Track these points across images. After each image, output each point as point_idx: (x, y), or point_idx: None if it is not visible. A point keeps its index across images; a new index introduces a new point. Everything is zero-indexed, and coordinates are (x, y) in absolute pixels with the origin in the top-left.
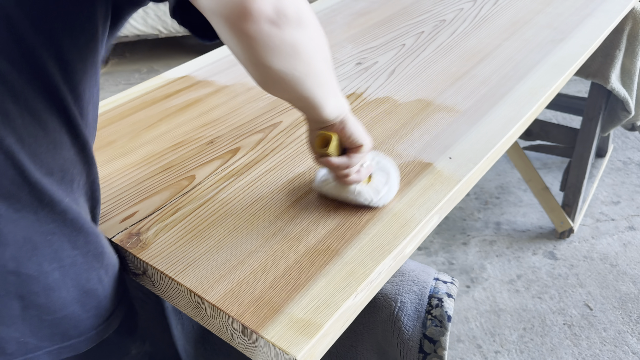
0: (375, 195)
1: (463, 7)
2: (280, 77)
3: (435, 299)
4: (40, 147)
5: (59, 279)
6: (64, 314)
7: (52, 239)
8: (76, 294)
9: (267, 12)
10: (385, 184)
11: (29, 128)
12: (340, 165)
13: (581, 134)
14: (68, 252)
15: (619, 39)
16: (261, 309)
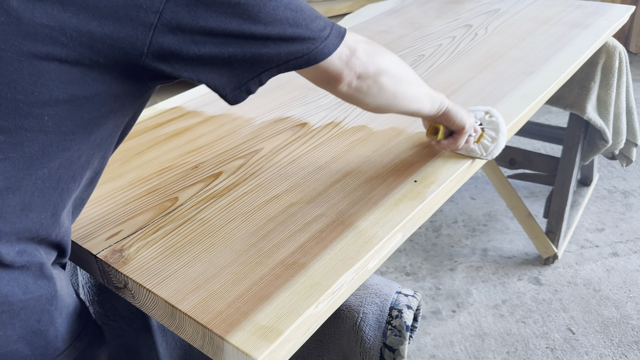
0: (484, 152)
1: (442, 42)
2: (381, 108)
3: (396, 310)
4: (6, 207)
5: (7, 320)
6: (6, 350)
7: (0, 284)
8: (22, 333)
9: (352, 77)
10: (493, 141)
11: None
12: (449, 146)
13: (562, 163)
14: (18, 296)
15: (594, 71)
16: (229, 317)
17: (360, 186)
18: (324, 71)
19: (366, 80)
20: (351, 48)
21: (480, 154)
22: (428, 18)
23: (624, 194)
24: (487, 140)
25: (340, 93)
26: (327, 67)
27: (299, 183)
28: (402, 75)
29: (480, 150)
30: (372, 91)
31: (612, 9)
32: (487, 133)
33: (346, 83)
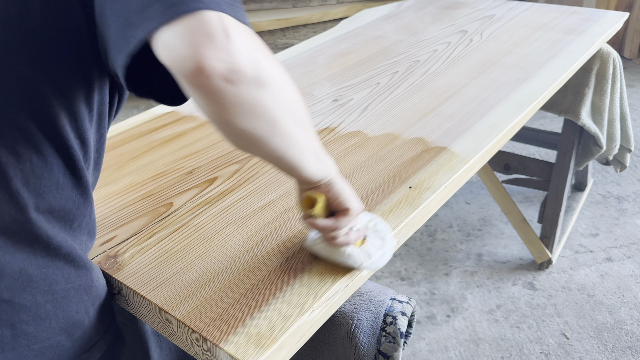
0: (366, 259)
1: (437, 48)
2: (245, 135)
3: (390, 317)
4: (44, 187)
5: (51, 310)
6: (50, 342)
7: (46, 272)
8: (64, 325)
9: (220, 69)
10: (379, 248)
11: (36, 170)
12: (326, 227)
13: (556, 168)
14: (61, 285)
15: (588, 77)
16: (223, 324)
17: (356, 192)
18: (191, 37)
19: (240, 84)
20: (227, 24)
21: (360, 262)
22: (423, 24)
23: (618, 199)
24: (370, 245)
25: (200, 91)
26: (196, 28)
27: (293, 189)
28: (292, 103)
29: (359, 258)
30: (240, 106)
31: (606, 15)
32: (370, 240)
33: (212, 75)
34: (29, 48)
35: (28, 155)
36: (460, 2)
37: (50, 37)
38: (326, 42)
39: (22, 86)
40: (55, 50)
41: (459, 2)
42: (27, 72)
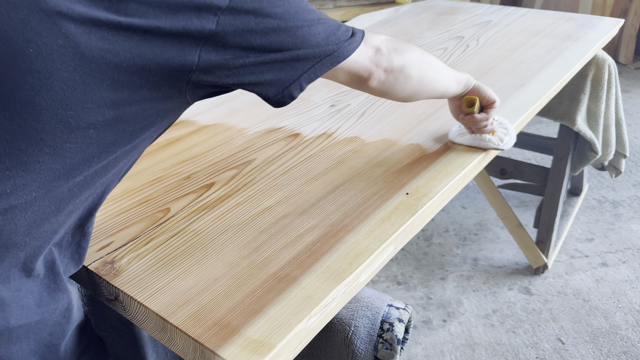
0: (501, 142)
1: (434, 54)
2: (412, 96)
3: (387, 324)
4: (42, 212)
5: (23, 334)
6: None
7: (18, 296)
8: (36, 347)
9: (380, 72)
10: (506, 134)
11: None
12: (482, 119)
13: (552, 173)
14: (34, 309)
15: (584, 83)
16: (220, 331)
17: (353, 198)
18: (354, 70)
19: (392, 73)
20: (374, 47)
21: (497, 144)
22: (420, 29)
23: (613, 204)
24: (501, 133)
25: (371, 89)
26: (355, 66)
27: (291, 194)
28: (425, 63)
29: (496, 141)
30: (399, 82)
31: (602, 22)
32: (499, 130)
33: (375, 79)
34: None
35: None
36: (456, 7)
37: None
38: None
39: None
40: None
41: (455, 8)
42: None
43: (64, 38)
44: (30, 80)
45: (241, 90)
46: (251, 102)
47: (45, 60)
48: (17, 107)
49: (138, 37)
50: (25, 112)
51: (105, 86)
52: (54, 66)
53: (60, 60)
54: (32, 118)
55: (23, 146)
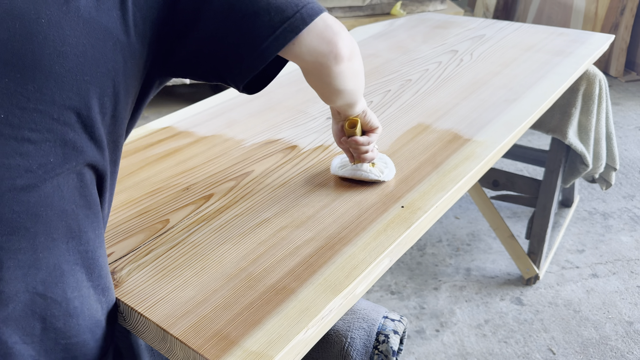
0: (381, 173)
1: (429, 68)
2: (349, 91)
3: (382, 335)
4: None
5: (78, 306)
6: (77, 340)
7: (75, 269)
8: (89, 323)
9: (347, 53)
10: (385, 167)
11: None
12: (363, 142)
13: (544, 185)
14: (85, 283)
15: (575, 98)
16: (220, 342)
17: (349, 210)
18: (322, 37)
19: (353, 62)
20: (337, 22)
21: (377, 176)
22: (415, 42)
23: (603, 215)
24: (382, 165)
25: (335, 74)
26: (323, 31)
27: (289, 206)
28: (360, 63)
29: (377, 172)
30: (352, 75)
31: (593, 37)
32: (378, 163)
33: (345, 57)
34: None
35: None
36: (450, 21)
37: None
38: None
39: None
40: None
41: (449, 22)
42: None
43: (66, 4)
44: (47, 50)
45: (239, 102)
46: (249, 114)
47: (56, 29)
48: (42, 78)
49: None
50: (49, 82)
51: (110, 47)
52: (65, 33)
53: (69, 26)
54: (56, 87)
55: (56, 115)
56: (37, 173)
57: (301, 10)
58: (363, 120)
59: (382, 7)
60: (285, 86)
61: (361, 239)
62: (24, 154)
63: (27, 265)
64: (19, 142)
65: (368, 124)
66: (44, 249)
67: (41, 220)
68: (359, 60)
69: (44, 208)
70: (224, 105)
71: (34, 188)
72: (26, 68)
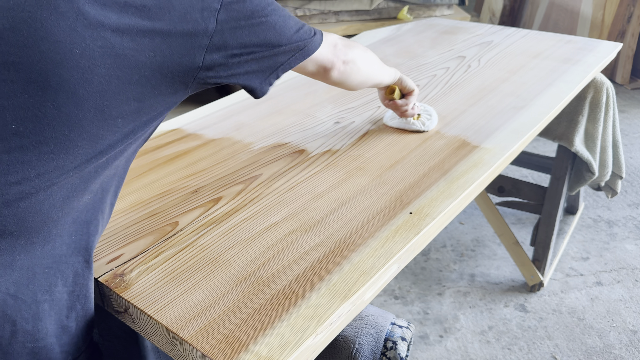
0: (423, 125)
1: (436, 73)
2: (359, 85)
3: (390, 342)
4: (74, 189)
5: (47, 310)
6: (43, 344)
7: (48, 272)
8: (55, 328)
9: (340, 64)
10: (428, 119)
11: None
12: (402, 104)
13: (549, 192)
14: (59, 287)
15: (582, 105)
16: (229, 346)
17: (357, 216)
18: (320, 62)
19: (348, 65)
20: (333, 43)
21: (419, 127)
22: (422, 48)
23: (608, 223)
24: (425, 118)
25: (332, 79)
26: (321, 57)
27: (297, 211)
28: (368, 57)
29: (419, 124)
30: (353, 72)
31: (601, 45)
32: (423, 115)
33: (336, 69)
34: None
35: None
36: (458, 27)
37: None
38: None
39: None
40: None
41: (457, 27)
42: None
43: (102, 40)
44: (75, 76)
45: (247, 105)
46: (257, 117)
47: (88, 59)
48: (63, 98)
49: (159, 38)
50: (70, 102)
51: (134, 81)
52: (95, 63)
53: (100, 58)
54: (75, 107)
55: (67, 132)
56: (34, 181)
57: (308, 46)
58: (400, 85)
59: (388, 12)
60: (294, 90)
61: (369, 244)
62: (25, 162)
63: (3, 267)
64: (24, 150)
65: (405, 88)
66: (22, 252)
67: (26, 225)
68: (363, 59)
69: (32, 214)
70: (232, 108)
71: (27, 196)
72: (50, 88)
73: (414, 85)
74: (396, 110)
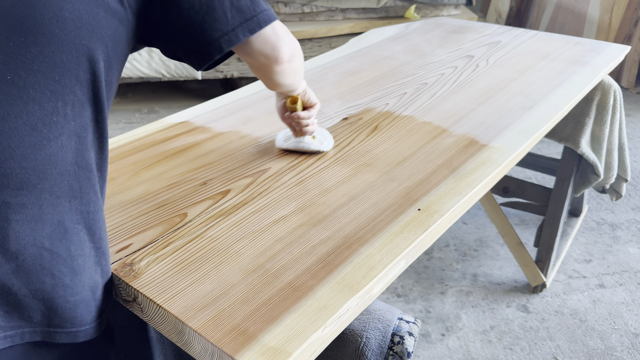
0: (321, 144)
1: (444, 72)
2: (287, 86)
3: (398, 337)
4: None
5: (81, 264)
6: (82, 297)
7: (78, 228)
8: (90, 282)
9: (287, 57)
10: (325, 139)
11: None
12: (304, 116)
13: (554, 194)
14: (87, 243)
15: (589, 107)
16: (238, 337)
17: (366, 211)
18: (269, 42)
19: (292, 63)
20: (284, 30)
21: (318, 147)
22: (430, 46)
23: (611, 226)
24: (322, 137)
25: (273, 71)
26: (270, 38)
27: (305, 205)
28: (302, 59)
29: (317, 144)
30: (292, 72)
31: (609, 47)
32: (318, 135)
33: (285, 60)
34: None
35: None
36: (466, 26)
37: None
38: (336, 60)
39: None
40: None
41: (465, 27)
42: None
43: None
44: (47, 15)
45: (255, 99)
46: (265, 111)
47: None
48: (43, 42)
49: None
50: (52, 44)
51: (102, 13)
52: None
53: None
54: (57, 50)
55: (57, 77)
56: (42, 132)
57: (257, 16)
58: (303, 97)
59: (396, 10)
60: None
61: (378, 240)
62: (30, 113)
63: (34, 220)
64: (24, 102)
65: (308, 100)
66: (49, 206)
67: (46, 178)
68: (299, 60)
69: (50, 166)
70: (240, 102)
71: (40, 146)
72: (29, 32)
73: (317, 99)
74: (296, 124)
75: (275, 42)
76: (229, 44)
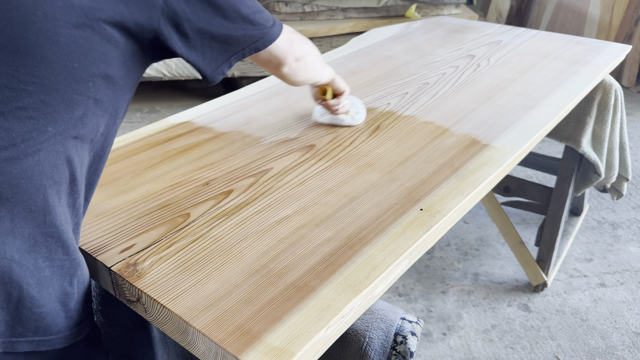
0: (352, 120)
1: (446, 72)
2: (302, 82)
3: (400, 337)
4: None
5: (49, 276)
6: (49, 309)
7: (49, 241)
8: (59, 293)
9: (292, 60)
10: (357, 113)
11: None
12: (333, 104)
13: (555, 193)
14: (59, 255)
15: (590, 107)
16: (242, 337)
17: (368, 211)
18: (274, 55)
19: (300, 62)
20: (290, 38)
21: (349, 122)
22: (432, 46)
23: (612, 225)
24: (354, 112)
25: (282, 74)
26: (276, 51)
27: (308, 205)
28: (317, 56)
29: (349, 120)
30: (303, 70)
31: (610, 47)
32: (351, 110)
33: (288, 65)
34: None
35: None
36: (467, 26)
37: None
38: (337, 60)
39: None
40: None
41: (466, 26)
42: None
43: (62, 1)
44: (41, 38)
45: (257, 99)
46: (267, 112)
47: (50, 20)
48: (34, 62)
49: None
50: (42, 66)
51: (98, 40)
52: (58, 24)
53: (62, 19)
54: (47, 71)
55: (43, 97)
56: (20, 147)
57: (264, 37)
58: (332, 86)
59: (396, 9)
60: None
61: (380, 240)
62: (9, 129)
63: (5, 234)
64: (5, 117)
65: (337, 89)
66: (22, 220)
67: (21, 192)
68: (310, 58)
69: (25, 180)
70: (242, 102)
71: (16, 161)
72: (19, 53)
73: (346, 86)
74: (328, 108)
75: (278, 53)
76: (235, 61)
